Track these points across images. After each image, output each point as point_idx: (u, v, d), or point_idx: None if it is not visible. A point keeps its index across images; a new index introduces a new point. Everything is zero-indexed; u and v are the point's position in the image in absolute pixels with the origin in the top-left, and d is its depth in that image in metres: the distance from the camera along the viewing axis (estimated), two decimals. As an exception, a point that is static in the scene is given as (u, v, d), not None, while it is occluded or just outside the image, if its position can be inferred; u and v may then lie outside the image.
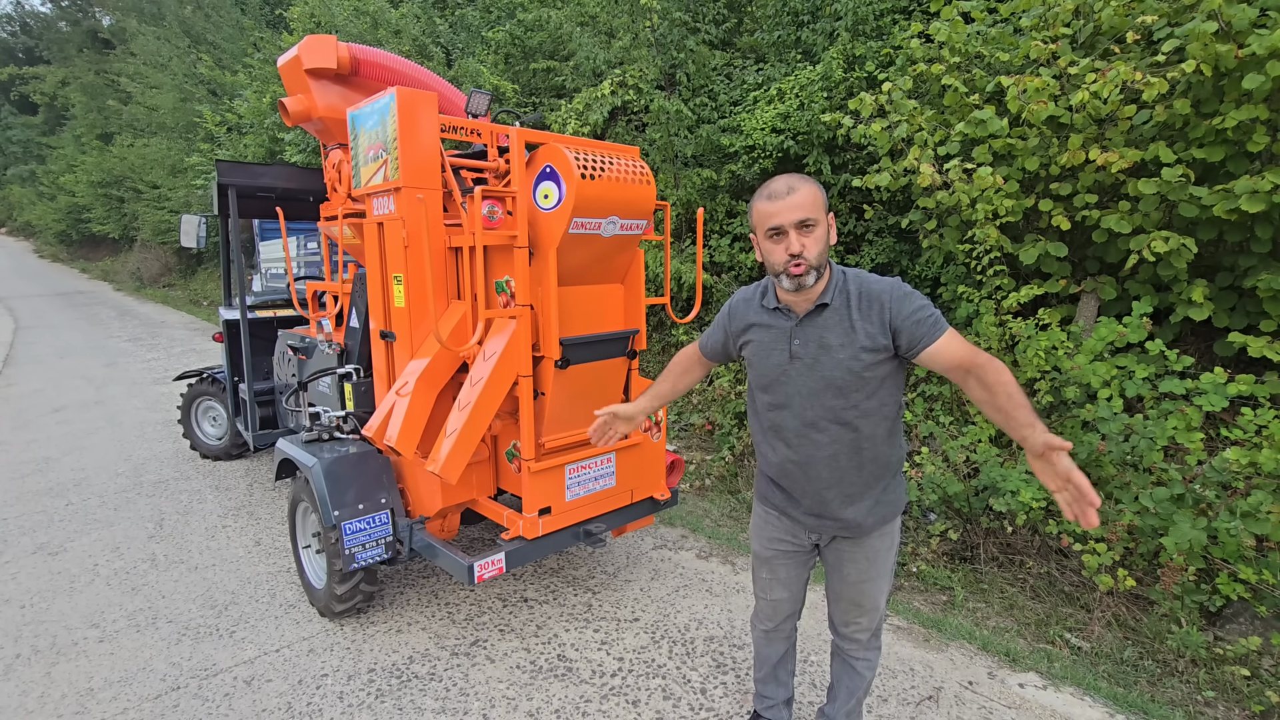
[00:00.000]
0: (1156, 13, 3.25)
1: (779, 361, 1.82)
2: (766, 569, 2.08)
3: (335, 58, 3.19)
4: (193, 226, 5.24)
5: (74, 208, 24.10)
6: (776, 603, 2.11)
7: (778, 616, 2.15)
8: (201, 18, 16.57)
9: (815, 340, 1.76)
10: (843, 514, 1.85)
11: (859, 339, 1.72)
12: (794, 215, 1.67)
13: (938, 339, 1.67)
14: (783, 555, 2.03)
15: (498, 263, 2.63)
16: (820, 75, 4.85)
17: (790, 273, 1.70)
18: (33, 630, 3.04)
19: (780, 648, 2.22)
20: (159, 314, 14.07)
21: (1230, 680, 2.60)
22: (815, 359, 1.76)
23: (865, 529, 1.87)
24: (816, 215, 1.68)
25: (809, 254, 1.68)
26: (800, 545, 2.00)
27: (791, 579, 2.07)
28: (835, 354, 1.73)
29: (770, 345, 1.84)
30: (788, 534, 2.00)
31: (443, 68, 7.81)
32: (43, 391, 7.57)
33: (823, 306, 1.76)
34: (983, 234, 3.64)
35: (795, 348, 1.79)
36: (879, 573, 1.94)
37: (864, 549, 1.91)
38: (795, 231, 1.67)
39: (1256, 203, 2.92)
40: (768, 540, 2.05)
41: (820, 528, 1.92)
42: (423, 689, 2.62)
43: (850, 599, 1.99)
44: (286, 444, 3.11)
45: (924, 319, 1.68)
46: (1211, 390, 2.97)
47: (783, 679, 2.27)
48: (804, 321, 1.78)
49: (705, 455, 4.95)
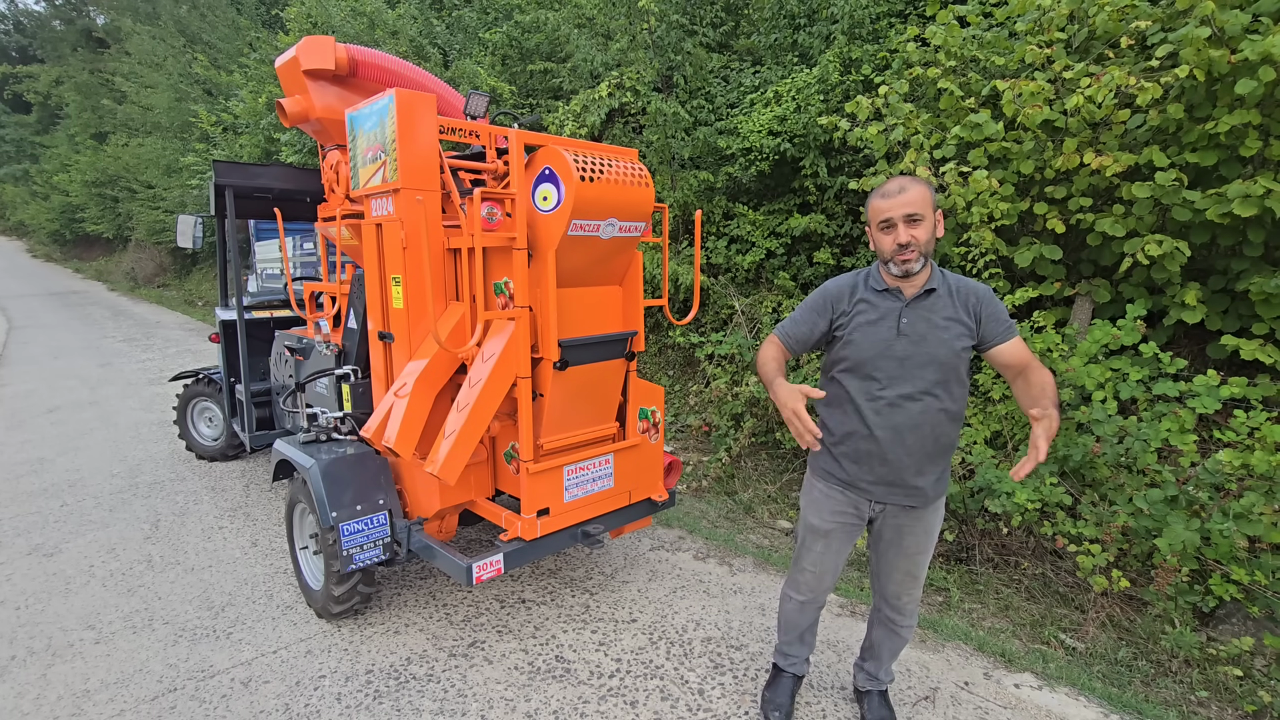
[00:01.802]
0: (1150, 18, 3.27)
1: (885, 337, 2.01)
2: (823, 542, 2.23)
3: (333, 59, 3.19)
4: (189, 227, 5.23)
5: (68, 207, 23.98)
6: (822, 575, 2.28)
7: (820, 588, 2.31)
8: (197, 17, 16.51)
9: (923, 320, 1.99)
10: (916, 481, 2.04)
11: (959, 323, 1.98)
12: (902, 210, 1.93)
13: (1010, 340, 1.99)
14: (842, 528, 2.20)
15: (496, 264, 2.63)
16: (817, 78, 4.87)
17: (898, 260, 1.96)
18: (28, 632, 3.03)
19: (812, 616, 2.41)
20: (153, 314, 14.02)
21: (1223, 680, 2.62)
22: (923, 336, 1.98)
23: (929, 499, 2.08)
24: (924, 211, 1.93)
25: (918, 243, 1.93)
26: (860, 518, 2.18)
27: (841, 551, 2.25)
28: (941, 333, 1.98)
29: (878, 320, 2.03)
30: (851, 506, 2.16)
31: (440, 69, 7.80)
32: (36, 392, 7.54)
33: (931, 291, 2.01)
34: (978, 237, 3.66)
35: (904, 325, 2.00)
36: (931, 544, 2.17)
37: (923, 521, 2.12)
38: (904, 224, 1.93)
39: (1249, 206, 2.95)
40: (830, 514, 2.20)
41: (889, 496, 2.09)
42: (420, 690, 2.63)
43: (906, 570, 2.18)
44: (284, 445, 3.11)
45: (1005, 320, 2.00)
46: (1204, 392, 2.99)
47: (808, 640, 2.48)
48: (913, 303, 2.01)
49: (702, 457, 4.96)
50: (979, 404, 3.77)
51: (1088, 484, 3.29)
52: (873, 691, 2.44)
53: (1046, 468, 3.27)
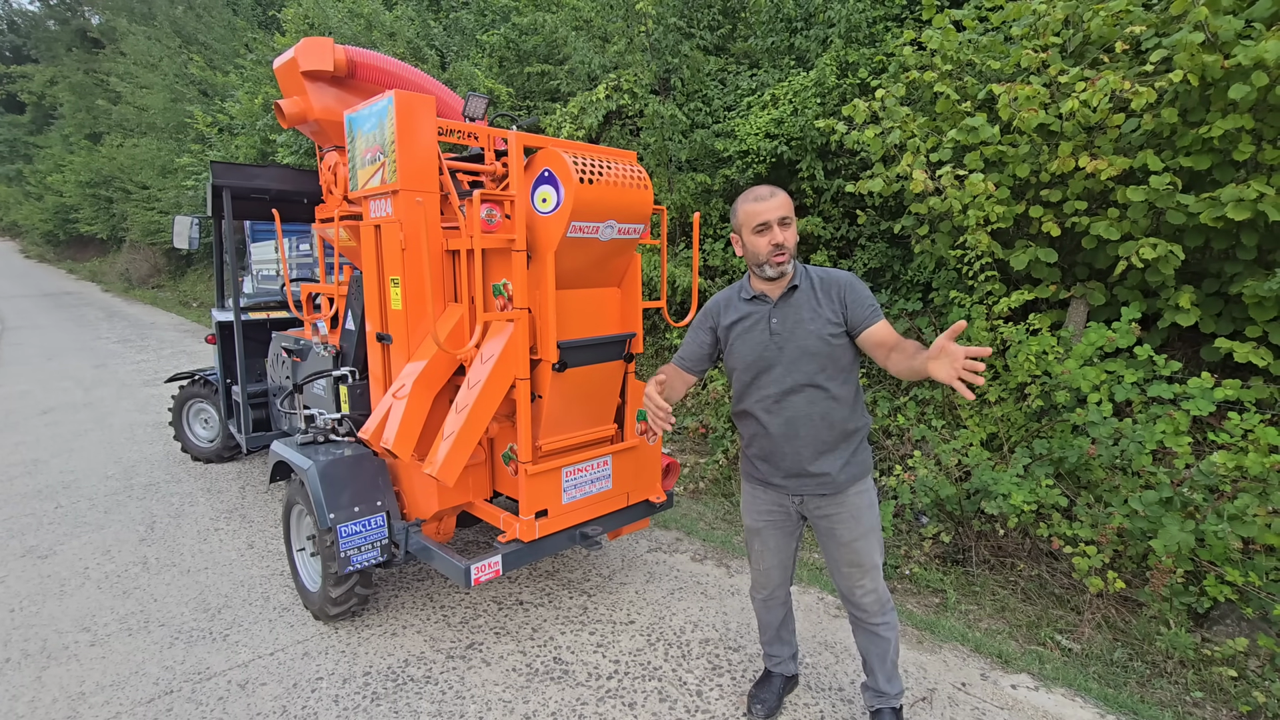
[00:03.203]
0: (1144, 23, 3.30)
1: (761, 339, 2.13)
2: (758, 540, 2.34)
3: (332, 60, 3.19)
4: (185, 227, 5.22)
5: (61, 208, 23.89)
6: (768, 570, 2.37)
7: (770, 584, 2.39)
8: (193, 18, 16.47)
9: (791, 318, 2.10)
10: (816, 467, 2.12)
11: (824, 313, 2.07)
12: (777, 214, 2.03)
13: (877, 322, 2.05)
14: (771, 525, 2.29)
15: (495, 266, 2.64)
16: (814, 81, 4.89)
17: (773, 261, 2.05)
18: (22, 634, 3.01)
19: (779, 613, 2.47)
20: (148, 315, 13.96)
21: (1218, 681, 2.63)
22: (792, 332, 2.09)
23: (839, 484, 2.13)
24: (791, 215, 2.07)
25: (789, 245, 2.04)
26: (786, 513, 2.25)
27: (780, 548, 2.32)
28: (808, 326, 2.07)
29: (752, 327, 2.15)
30: (774, 503, 2.26)
31: (437, 70, 7.81)
32: (30, 393, 7.50)
33: (794, 289, 2.11)
34: (974, 240, 3.68)
35: (774, 325, 2.11)
36: (867, 529, 2.17)
37: (846, 507, 2.15)
38: (778, 226, 2.03)
39: (1242, 210, 2.97)
40: (756, 513, 2.31)
41: (800, 488, 2.17)
42: (418, 692, 2.62)
43: (848, 560, 2.19)
44: (281, 446, 3.10)
45: (869, 303, 2.07)
46: (1199, 395, 3.01)
47: (785, 638, 2.53)
48: (779, 303, 2.12)
49: (699, 458, 4.97)
50: (975, 406, 3.78)
51: (1083, 486, 3.31)
52: (883, 710, 2.34)
53: (1043, 469, 3.29)
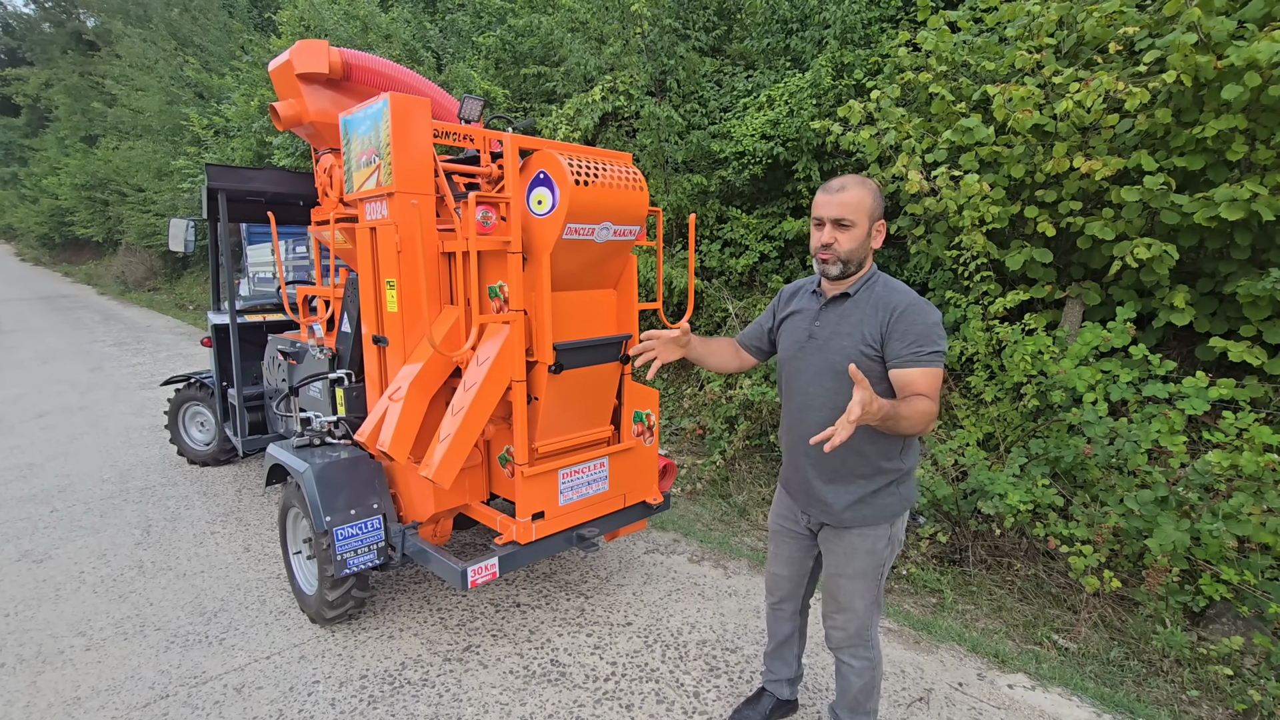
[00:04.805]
0: (1138, 24, 3.31)
1: (798, 339, 1.98)
2: (773, 542, 2.25)
3: (327, 62, 3.18)
4: (181, 230, 5.21)
5: (57, 210, 23.82)
6: (777, 576, 2.26)
7: (778, 590, 2.27)
8: (188, 20, 16.45)
9: (831, 325, 1.91)
10: (822, 494, 1.96)
11: (865, 331, 1.83)
12: (833, 212, 1.83)
13: (910, 369, 1.73)
14: (784, 533, 2.18)
15: (491, 268, 2.63)
16: (809, 82, 4.90)
17: (818, 259, 1.88)
18: (17, 639, 3.00)
19: (786, 627, 2.32)
20: (144, 318, 13.92)
21: (1214, 679, 2.64)
22: (827, 341, 1.90)
23: (843, 520, 1.94)
24: (855, 218, 1.82)
25: (839, 248, 1.83)
26: (798, 526, 2.12)
27: (792, 559, 2.19)
28: (842, 340, 1.86)
29: (797, 323, 2.01)
30: (788, 511, 2.15)
31: (433, 72, 7.80)
32: (25, 397, 7.47)
33: (844, 296, 1.90)
34: (969, 240, 3.69)
35: (815, 328, 1.94)
36: (854, 571, 1.97)
37: (842, 542, 1.98)
38: (830, 225, 1.84)
39: (1235, 210, 2.99)
40: (776, 515, 2.22)
41: (808, 507, 2.04)
42: (415, 695, 2.62)
43: (828, 590, 2.07)
44: (277, 449, 3.09)
45: (911, 341, 1.74)
46: (1193, 394, 3.02)
47: (787, 659, 2.39)
48: (827, 306, 1.94)
49: (696, 460, 4.97)
50: (971, 406, 3.79)
51: (1079, 485, 3.31)
52: None
53: (1039, 469, 3.30)
